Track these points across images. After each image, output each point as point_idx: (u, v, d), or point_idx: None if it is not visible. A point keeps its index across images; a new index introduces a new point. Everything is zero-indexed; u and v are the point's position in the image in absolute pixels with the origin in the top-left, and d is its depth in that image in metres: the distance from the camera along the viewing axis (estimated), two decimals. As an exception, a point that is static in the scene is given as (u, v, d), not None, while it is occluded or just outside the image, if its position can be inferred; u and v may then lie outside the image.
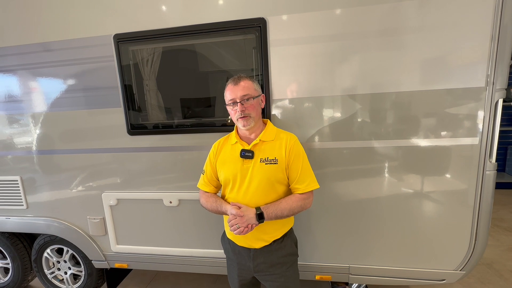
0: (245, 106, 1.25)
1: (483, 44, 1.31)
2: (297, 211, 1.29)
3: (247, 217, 1.23)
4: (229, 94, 1.28)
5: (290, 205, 1.27)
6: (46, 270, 2.25)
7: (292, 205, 1.27)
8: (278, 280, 1.35)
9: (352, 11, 1.39)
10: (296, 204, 1.28)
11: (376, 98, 1.45)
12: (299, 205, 1.28)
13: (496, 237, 3.00)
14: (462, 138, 1.42)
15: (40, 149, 1.91)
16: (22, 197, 2.02)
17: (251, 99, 1.26)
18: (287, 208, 1.26)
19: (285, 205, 1.27)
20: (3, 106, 1.91)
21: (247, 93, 1.25)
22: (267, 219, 1.25)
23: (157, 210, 1.83)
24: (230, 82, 1.29)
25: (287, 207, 1.26)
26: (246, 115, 1.25)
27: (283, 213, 1.26)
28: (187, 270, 1.91)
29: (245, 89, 1.25)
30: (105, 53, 1.67)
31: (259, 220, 1.24)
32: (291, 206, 1.27)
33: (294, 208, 1.27)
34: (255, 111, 1.27)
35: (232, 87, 1.27)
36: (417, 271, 1.61)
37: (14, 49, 1.78)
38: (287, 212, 1.26)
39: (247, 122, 1.26)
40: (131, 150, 1.78)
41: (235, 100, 1.25)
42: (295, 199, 1.29)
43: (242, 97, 1.24)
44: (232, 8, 1.50)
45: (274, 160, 1.27)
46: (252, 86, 1.28)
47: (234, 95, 1.25)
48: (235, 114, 1.26)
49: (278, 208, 1.26)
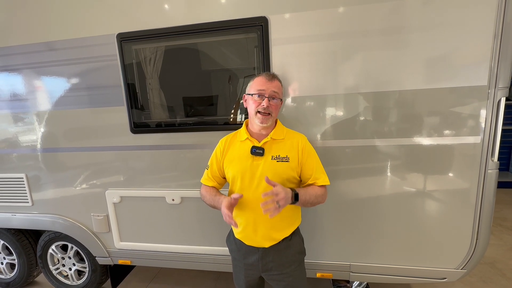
0: (270, 103, 1.25)
1: (486, 43, 1.30)
2: (318, 201, 1.28)
3: (286, 195, 1.15)
4: (258, 85, 1.27)
5: (316, 192, 1.27)
6: (51, 266, 2.29)
7: (318, 192, 1.27)
8: (286, 279, 1.35)
9: (354, 9, 1.39)
10: (320, 192, 1.28)
11: (379, 97, 1.45)
12: (320, 195, 1.28)
13: (499, 236, 2.98)
14: (464, 137, 1.41)
15: (45, 147, 1.94)
16: (27, 194, 2.05)
17: (277, 99, 1.28)
18: (313, 195, 1.26)
19: (312, 191, 1.27)
20: (9, 105, 1.93)
21: (277, 92, 1.27)
22: (300, 201, 1.21)
23: (160, 208, 1.85)
24: (263, 75, 1.29)
25: (313, 193, 1.26)
26: (270, 112, 1.25)
27: (311, 199, 1.25)
28: (189, 267, 1.93)
29: (277, 88, 1.28)
30: (108, 52, 1.68)
31: (294, 201, 1.20)
32: (317, 193, 1.27)
33: (318, 196, 1.27)
34: (276, 112, 1.29)
35: (265, 80, 1.27)
36: (418, 269, 1.61)
37: (19, 49, 1.80)
38: (313, 199, 1.26)
39: (266, 120, 1.26)
40: (134, 148, 1.80)
41: (264, 94, 1.25)
42: (318, 188, 1.29)
43: (272, 94, 1.26)
44: (234, 7, 1.50)
45: (285, 158, 1.28)
46: (281, 89, 1.33)
47: (265, 87, 1.25)
48: (256, 106, 1.25)
49: (307, 193, 1.25)
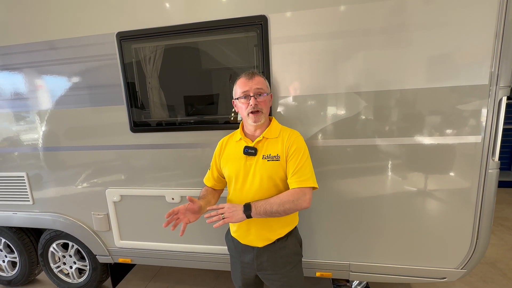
0: (258, 101, 1.24)
1: (487, 42, 1.30)
2: (288, 207, 1.18)
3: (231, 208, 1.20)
4: (241, 87, 1.26)
5: (280, 199, 1.20)
6: (52, 264, 2.30)
7: (283, 199, 1.19)
8: (281, 280, 1.34)
9: (355, 8, 1.38)
10: (286, 198, 1.19)
11: (380, 96, 1.45)
12: (290, 200, 1.19)
13: (500, 236, 2.97)
14: (465, 136, 1.41)
15: (46, 146, 1.95)
16: (28, 193, 2.06)
17: (263, 95, 1.26)
18: (276, 202, 1.18)
19: (275, 199, 1.20)
20: (10, 104, 1.94)
21: (261, 88, 1.25)
22: (255, 213, 1.19)
23: (160, 207, 1.85)
24: (244, 76, 1.27)
25: (276, 201, 1.19)
26: (259, 109, 1.24)
27: (272, 208, 1.18)
28: (189, 265, 1.94)
29: (260, 83, 1.25)
30: (108, 51, 1.68)
31: (245, 212, 1.19)
32: (281, 200, 1.19)
33: (284, 203, 1.18)
34: (266, 107, 1.27)
35: (245, 80, 1.26)
36: (417, 269, 1.61)
37: (20, 47, 1.81)
38: (276, 207, 1.18)
39: (258, 117, 1.25)
40: (134, 147, 1.80)
41: (249, 93, 1.24)
42: (286, 193, 1.22)
43: (256, 91, 1.24)
44: (233, 5, 1.50)
45: (276, 157, 1.26)
46: (265, 83, 1.29)
47: (248, 88, 1.24)
48: (246, 108, 1.24)
49: (267, 202, 1.20)
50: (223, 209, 1.21)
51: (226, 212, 1.20)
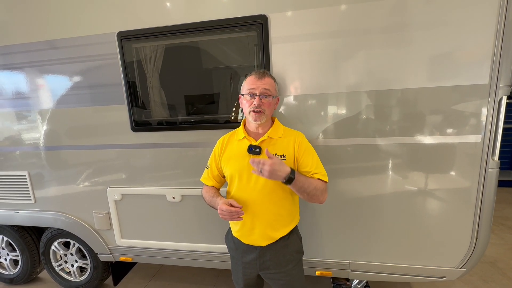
0: (262, 102, 1.24)
1: (488, 41, 1.29)
2: (317, 195, 1.23)
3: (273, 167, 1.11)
4: (249, 84, 1.26)
5: (316, 183, 1.24)
6: (54, 262, 2.31)
7: (317, 185, 1.24)
8: (284, 278, 1.35)
9: (355, 7, 1.38)
10: (320, 185, 1.25)
11: (381, 95, 1.45)
12: (320, 189, 1.24)
13: (501, 236, 2.97)
14: (465, 136, 1.41)
15: (47, 145, 1.95)
16: (30, 191, 2.07)
17: (270, 97, 1.26)
18: (313, 184, 1.23)
19: (312, 181, 1.24)
20: (11, 103, 1.95)
21: (268, 89, 1.26)
22: (294, 183, 1.17)
23: (160, 206, 1.86)
24: (254, 74, 1.27)
25: (313, 183, 1.23)
26: (261, 110, 1.24)
27: (309, 187, 1.21)
28: (190, 264, 1.95)
29: (268, 85, 1.26)
30: (109, 50, 1.69)
31: (288, 178, 1.15)
32: (316, 185, 1.24)
33: (318, 189, 1.23)
34: (269, 109, 1.28)
35: (255, 79, 1.26)
36: (417, 268, 1.61)
37: (21, 47, 1.81)
38: (312, 188, 1.22)
39: (260, 117, 1.25)
40: (135, 146, 1.81)
41: (255, 92, 1.24)
42: (320, 182, 1.26)
43: (263, 91, 1.24)
44: (234, 5, 1.50)
45: (282, 157, 1.27)
46: (274, 85, 1.30)
47: (255, 86, 1.24)
48: (249, 106, 1.25)
49: (307, 180, 1.22)
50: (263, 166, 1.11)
51: (266, 171, 1.11)
